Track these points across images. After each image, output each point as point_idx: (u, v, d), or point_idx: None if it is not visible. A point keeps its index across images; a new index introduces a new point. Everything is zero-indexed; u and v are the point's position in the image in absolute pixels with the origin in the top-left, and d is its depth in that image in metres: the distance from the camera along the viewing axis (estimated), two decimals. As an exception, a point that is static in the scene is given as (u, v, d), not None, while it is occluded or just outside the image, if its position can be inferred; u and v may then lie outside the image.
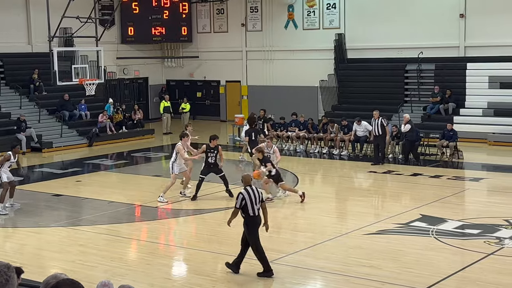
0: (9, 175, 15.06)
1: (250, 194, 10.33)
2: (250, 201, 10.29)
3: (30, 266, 10.37)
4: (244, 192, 10.36)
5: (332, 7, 28.65)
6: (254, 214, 10.31)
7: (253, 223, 10.35)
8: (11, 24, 27.31)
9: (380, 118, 20.04)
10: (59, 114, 25.99)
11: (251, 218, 10.34)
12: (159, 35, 32.23)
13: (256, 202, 10.35)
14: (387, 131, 20.03)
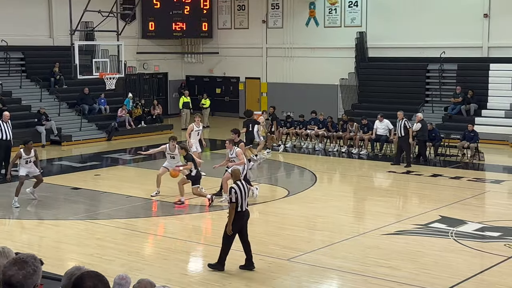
0: (29, 171, 15.07)
1: (241, 188, 10.34)
2: (241, 196, 10.30)
3: (48, 258, 10.40)
4: (235, 187, 10.37)
5: (354, 5, 28.49)
6: (241, 209, 10.33)
7: (239, 218, 10.34)
8: (33, 17, 27.46)
9: (404, 119, 19.79)
10: (78, 107, 26.11)
11: (239, 213, 10.33)
12: (179, 31, 32.25)
13: (246, 197, 10.39)
14: (410, 133, 19.75)
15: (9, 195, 15.79)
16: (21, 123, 24.00)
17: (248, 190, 10.53)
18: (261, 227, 13.20)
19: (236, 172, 10.76)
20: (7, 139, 18.08)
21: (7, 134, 18.07)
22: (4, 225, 13.83)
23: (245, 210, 10.41)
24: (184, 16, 31.98)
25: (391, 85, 26.74)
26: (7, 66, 26.29)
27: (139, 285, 5.22)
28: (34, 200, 15.28)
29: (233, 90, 32.97)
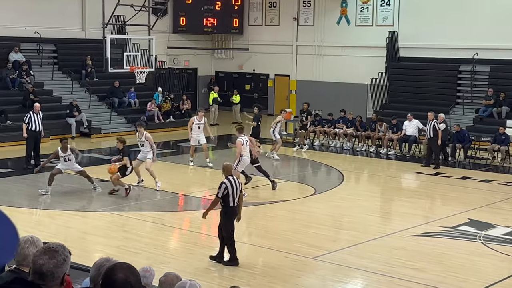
0: (69, 168, 15.25)
1: (232, 184, 10.36)
2: (232, 191, 10.34)
3: (75, 249, 10.48)
4: (227, 182, 10.39)
5: (386, 4, 28.27)
6: (233, 204, 10.38)
7: (231, 213, 10.42)
8: (66, 10, 27.71)
9: (434, 120, 19.59)
10: (108, 100, 26.31)
11: (230, 208, 10.39)
12: (210, 26, 32.32)
13: (237, 192, 10.39)
14: (439, 135, 19.54)
15: (37, 185, 15.99)
16: (52, 115, 24.27)
17: (239, 186, 10.53)
18: (287, 224, 13.17)
19: (227, 167, 10.76)
20: (36, 130, 18.28)
21: (37, 125, 18.27)
22: (33, 214, 14.00)
23: (237, 205, 10.47)
24: (216, 11, 32.03)
25: (422, 85, 26.48)
26: (39, 58, 26.60)
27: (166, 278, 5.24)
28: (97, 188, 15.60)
29: (262, 87, 32.95)
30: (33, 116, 18.31)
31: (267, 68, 32.37)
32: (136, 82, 24.47)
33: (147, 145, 16.00)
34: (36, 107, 18.51)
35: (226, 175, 10.57)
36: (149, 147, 16.01)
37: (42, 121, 18.59)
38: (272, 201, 15.20)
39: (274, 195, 15.93)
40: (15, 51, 25.42)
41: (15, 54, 25.40)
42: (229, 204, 10.37)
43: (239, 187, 10.52)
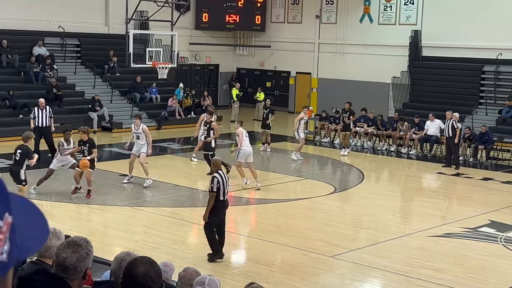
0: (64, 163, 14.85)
1: (223, 178, 10.47)
2: (223, 185, 10.43)
3: (95, 242, 10.56)
4: (218, 176, 10.49)
5: (410, 2, 28.09)
6: (223, 198, 10.49)
7: (221, 207, 10.52)
8: (90, 5, 27.88)
9: (452, 119, 19.47)
10: (130, 95, 26.44)
11: (220, 202, 10.49)
12: (232, 23, 32.34)
13: (226, 186, 10.53)
14: (457, 133, 19.42)
15: (58, 179, 16.12)
16: (74, 109, 24.47)
17: (228, 180, 10.67)
18: (307, 222, 13.16)
19: (217, 162, 10.85)
20: (41, 125, 18.11)
21: (42, 120, 18.11)
22: (54, 208, 14.11)
23: (226, 199, 10.59)
24: (238, 8, 32.04)
25: (444, 85, 26.27)
26: (63, 52, 26.80)
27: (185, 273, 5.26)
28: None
29: (283, 84, 32.92)
30: (38, 111, 18.18)
31: (289, 66, 32.32)
32: (158, 77, 24.58)
33: (143, 137, 15.78)
34: (40, 102, 18.34)
35: (216, 169, 10.67)
36: (145, 140, 15.79)
37: (50, 117, 18.33)
38: (292, 199, 15.20)
39: (294, 193, 15.92)
40: (39, 45, 25.65)
41: (39, 48, 25.63)
42: (220, 198, 10.47)
43: (228, 182, 10.69)
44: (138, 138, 15.97)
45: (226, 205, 10.67)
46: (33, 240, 1.26)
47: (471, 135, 20.70)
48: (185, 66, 30.68)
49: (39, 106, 18.33)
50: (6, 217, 1.17)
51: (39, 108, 18.30)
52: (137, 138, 16.03)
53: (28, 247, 1.25)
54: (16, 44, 25.23)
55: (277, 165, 19.85)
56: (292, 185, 16.90)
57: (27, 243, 1.24)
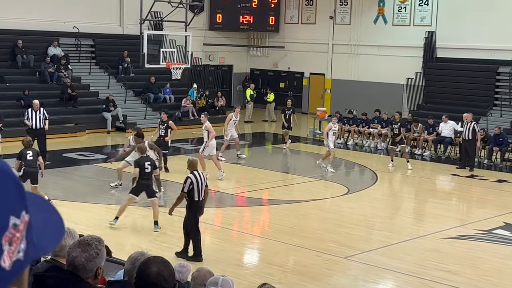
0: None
1: (197, 178, 10.45)
2: (197, 186, 10.43)
3: (109, 242, 10.60)
4: (192, 177, 10.51)
5: (425, 3, 27.97)
6: (198, 199, 10.49)
7: (196, 208, 10.52)
8: (105, 5, 28.01)
9: (473, 122, 19.29)
10: (144, 96, 26.53)
11: (195, 203, 10.49)
12: (246, 24, 32.36)
13: (202, 187, 10.49)
14: (478, 136, 19.29)
15: (72, 178, 16.22)
16: (89, 109, 24.59)
17: (204, 180, 10.61)
18: (319, 224, 13.15)
19: (193, 162, 10.86)
20: (35, 127, 17.37)
21: (36, 122, 17.39)
22: (67, 207, 14.18)
23: (201, 199, 10.57)
24: (252, 9, 32.06)
25: (459, 86, 26.14)
26: (77, 52, 26.95)
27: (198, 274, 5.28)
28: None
29: (297, 85, 32.89)
30: (32, 113, 17.42)
31: (302, 67, 32.29)
32: (171, 78, 24.63)
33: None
34: (35, 104, 17.57)
35: (192, 170, 10.68)
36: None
37: (45, 118, 17.60)
38: (305, 200, 15.18)
39: (307, 194, 15.90)
40: (54, 46, 25.80)
41: (54, 49, 25.78)
42: (194, 199, 10.49)
43: (204, 182, 10.62)
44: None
45: (201, 205, 10.62)
46: (49, 239, 1.27)
47: (485, 137, 20.57)
48: (199, 66, 30.74)
49: (33, 107, 17.52)
50: (23, 215, 1.18)
51: (33, 110, 17.50)
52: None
53: (44, 245, 1.26)
54: (31, 44, 25.40)
55: (290, 166, 19.84)
56: (305, 186, 16.89)
57: (43, 242, 1.25)
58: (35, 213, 1.21)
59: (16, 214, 1.17)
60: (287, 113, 22.33)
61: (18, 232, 1.16)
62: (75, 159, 19.04)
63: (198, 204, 10.58)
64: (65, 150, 20.09)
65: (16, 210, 1.17)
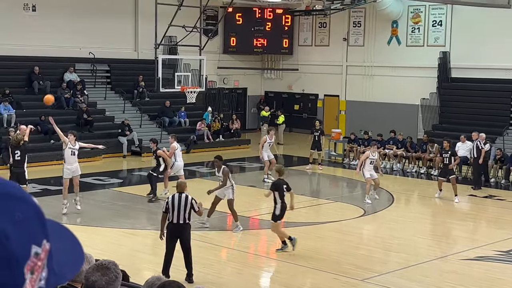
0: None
1: (174, 200, 10.27)
2: (172, 207, 10.22)
3: (124, 266, 10.59)
4: (169, 198, 10.43)
5: (438, 24, 27.99)
6: (172, 221, 10.26)
7: (170, 230, 10.37)
8: (120, 31, 28.31)
9: (477, 140, 19.31)
10: (159, 120, 26.67)
11: (170, 224, 10.33)
12: (260, 47, 32.53)
13: (180, 210, 10.20)
14: (481, 154, 19.25)
15: (89, 203, 16.27)
16: (104, 134, 24.74)
17: (188, 205, 10.26)
18: (336, 246, 13.07)
19: (180, 185, 10.72)
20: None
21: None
22: (83, 231, 14.22)
23: (177, 223, 10.27)
24: (266, 32, 32.24)
25: (474, 106, 26.03)
26: (93, 78, 27.21)
27: None
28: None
29: (311, 107, 32.92)
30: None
31: (317, 88, 32.34)
32: (186, 101, 24.75)
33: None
34: (22, 129, 16.90)
35: (178, 191, 10.54)
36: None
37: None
38: (321, 222, 15.11)
39: (323, 216, 15.83)
40: (70, 71, 26.07)
41: (70, 74, 26.04)
42: (169, 220, 10.34)
43: (186, 206, 10.23)
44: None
45: (178, 229, 10.29)
46: (69, 266, 1.28)
47: (502, 157, 20.44)
48: (214, 90, 30.88)
49: (20, 131, 16.83)
50: (44, 244, 1.20)
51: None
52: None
53: (65, 273, 1.27)
54: (48, 70, 25.68)
55: (306, 188, 19.79)
56: (321, 208, 16.83)
57: (64, 269, 1.26)
58: (55, 241, 1.23)
59: (38, 243, 1.18)
60: (316, 135, 22.34)
61: (39, 261, 1.17)
62: (91, 184, 19.12)
63: (173, 226, 10.31)
64: (81, 174, 20.08)
65: (37, 239, 1.18)
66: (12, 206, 1.16)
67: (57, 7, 26.26)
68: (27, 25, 25.44)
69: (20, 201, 1.19)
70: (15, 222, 1.15)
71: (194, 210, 10.40)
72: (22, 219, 1.16)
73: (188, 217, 10.34)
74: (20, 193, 1.20)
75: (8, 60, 24.74)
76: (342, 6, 29.01)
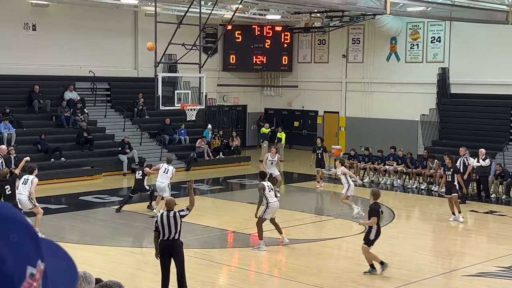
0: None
1: (163, 218, 10.30)
2: (162, 225, 10.26)
3: (126, 286, 10.56)
4: (159, 216, 10.48)
5: (437, 40, 28.10)
6: (163, 238, 10.31)
7: (162, 247, 10.38)
8: (120, 49, 28.41)
9: (465, 155, 19.51)
10: (159, 137, 26.69)
11: (161, 242, 10.35)
12: (259, 64, 32.64)
13: (171, 227, 10.22)
14: (468, 170, 19.41)
15: (89, 221, 16.24)
16: (104, 152, 24.75)
17: (176, 223, 10.30)
18: (338, 262, 13.03)
19: (169, 202, 10.75)
20: None
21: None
22: (83, 250, 14.18)
23: (167, 239, 10.29)
24: (265, 49, 32.37)
25: (474, 122, 26.06)
26: (93, 96, 27.26)
27: None
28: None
29: (311, 123, 32.97)
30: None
31: (316, 105, 32.40)
32: (186, 119, 24.76)
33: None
34: (2, 150, 17.21)
35: (167, 209, 10.55)
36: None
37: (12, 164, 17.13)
38: (323, 239, 15.07)
39: (325, 233, 15.79)
40: (70, 90, 26.13)
41: (70, 93, 26.09)
42: (161, 238, 10.36)
43: (176, 223, 10.26)
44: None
45: (169, 246, 10.31)
46: (64, 285, 1.28)
47: (502, 172, 20.42)
48: (213, 107, 30.94)
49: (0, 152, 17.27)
50: (39, 264, 1.20)
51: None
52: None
53: None
54: (48, 89, 25.75)
55: (307, 205, 19.75)
56: (322, 225, 16.79)
57: None
58: (49, 260, 1.22)
59: (33, 263, 1.18)
60: (318, 152, 22.30)
61: (35, 281, 1.17)
62: (92, 202, 19.10)
63: (164, 244, 10.34)
64: (82, 193, 20.18)
65: (32, 259, 1.18)
66: (7, 228, 1.16)
67: (57, 26, 26.39)
68: (27, 44, 25.54)
69: (14, 222, 1.19)
70: (10, 245, 1.15)
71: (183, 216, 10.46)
72: (17, 240, 1.16)
73: (179, 234, 10.38)
74: (14, 214, 1.20)
75: (9, 79, 24.81)
76: (341, 23, 29.17)
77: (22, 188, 13.74)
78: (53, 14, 26.36)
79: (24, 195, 13.71)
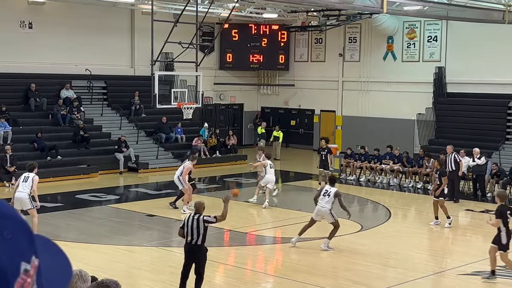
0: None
1: (189, 220, 10.25)
2: (187, 227, 10.21)
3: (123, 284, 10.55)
4: (186, 218, 10.44)
5: (433, 39, 28.13)
6: (187, 241, 10.30)
7: (185, 250, 10.40)
8: (116, 48, 28.39)
9: (454, 153, 19.55)
10: (156, 136, 26.67)
11: (185, 245, 10.36)
12: (256, 63, 32.64)
13: (193, 231, 10.17)
14: (460, 166, 19.43)
15: (85, 219, 16.23)
16: (101, 150, 24.73)
17: (200, 228, 10.19)
18: (334, 261, 13.04)
19: (197, 205, 10.71)
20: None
21: None
22: (80, 248, 14.17)
23: (190, 243, 10.25)
24: (262, 48, 32.37)
25: (470, 121, 26.11)
26: (90, 94, 27.23)
27: None
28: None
29: (307, 122, 32.98)
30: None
31: (313, 104, 32.42)
32: (183, 117, 24.76)
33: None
34: None
35: (195, 212, 10.53)
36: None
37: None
38: (319, 238, 15.08)
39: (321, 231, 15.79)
40: (66, 88, 26.10)
41: (66, 91, 26.06)
42: (185, 239, 10.35)
43: (198, 228, 10.15)
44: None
45: (191, 249, 10.30)
46: (57, 282, 1.28)
47: (498, 171, 20.45)
48: (210, 106, 30.92)
49: None
50: (33, 260, 1.20)
51: None
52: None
53: None
54: (44, 87, 25.72)
55: (303, 204, 19.75)
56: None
57: (52, 285, 1.26)
58: (43, 256, 1.23)
59: (27, 259, 1.18)
60: (322, 154, 22.17)
61: (29, 277, 1.17)
62: (88, 200, 19.09)
63: (186, 246, 10.33)
64: (78, 191, 20.17)
65: (26, 255, 1.19)
66: (1, 225, 1.17)
67: (54, 24, 26.35)
68: (23, 42, 25.51)
69: (8, 218, 1.19)
70: (4, 241, 1.15)
71: (208, 222, 10.28)
72: (11, 237, 1.16)
73: (202, 239, 10.24)
74: (8, 210, 1.20)
75: (5, 77, 24.78)
76: (338, 22, 29.19)
77: (23, 186, 13.70)
78: (49, 12, 26.32)
79: (24, 193, 13.67)
